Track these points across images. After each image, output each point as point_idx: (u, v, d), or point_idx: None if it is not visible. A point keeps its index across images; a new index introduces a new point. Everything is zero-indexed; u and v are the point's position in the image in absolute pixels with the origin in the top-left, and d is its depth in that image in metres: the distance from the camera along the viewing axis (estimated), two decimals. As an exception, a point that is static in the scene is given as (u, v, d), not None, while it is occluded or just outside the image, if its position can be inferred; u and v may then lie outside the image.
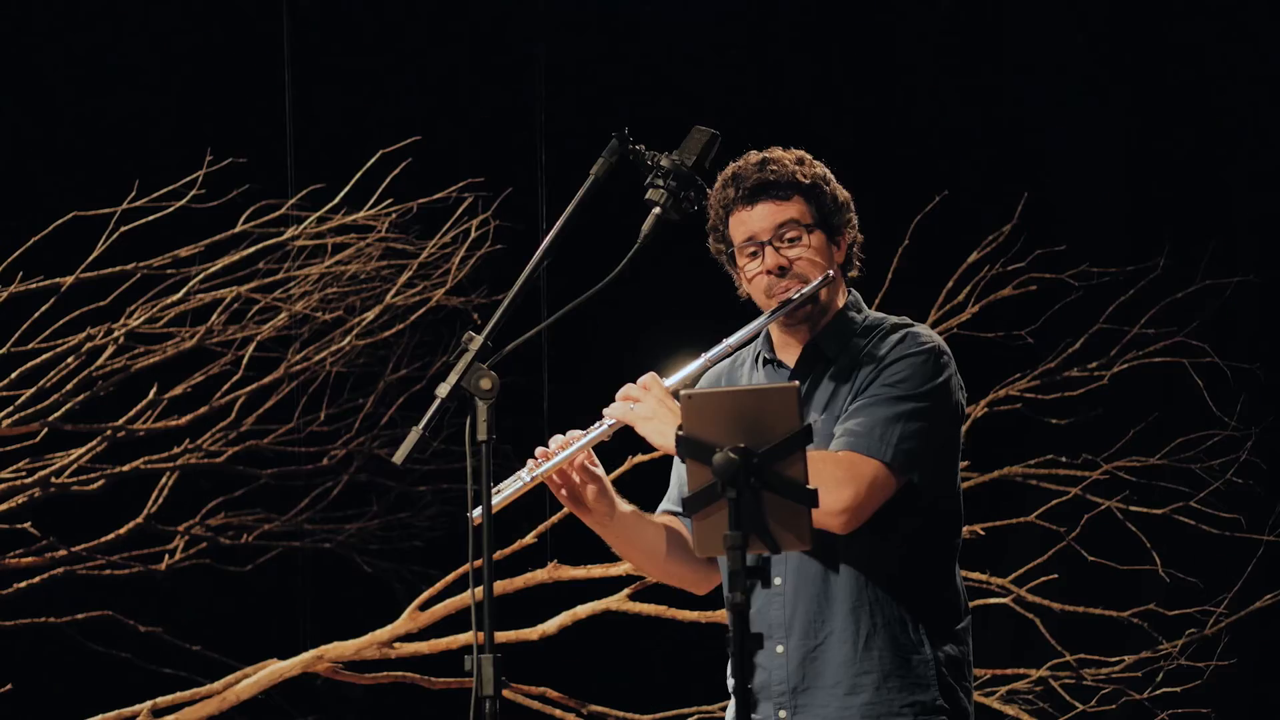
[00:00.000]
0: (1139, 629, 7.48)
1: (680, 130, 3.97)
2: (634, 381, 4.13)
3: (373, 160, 7.63)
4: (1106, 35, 8.16)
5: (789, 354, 4.31)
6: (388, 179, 7.67)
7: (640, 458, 7.28)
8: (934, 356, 4.17)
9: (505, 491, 4.09)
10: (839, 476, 4.00)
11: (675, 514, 4.42)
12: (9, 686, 7.41)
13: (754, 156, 4.28)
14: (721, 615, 7.30)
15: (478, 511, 3.64)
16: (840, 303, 4.30)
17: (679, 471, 4.45)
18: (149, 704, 7.58)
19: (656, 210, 3.91)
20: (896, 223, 7.49)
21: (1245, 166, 7.98)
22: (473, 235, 7.95)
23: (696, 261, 4.48)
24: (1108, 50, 8.16)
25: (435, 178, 7.87)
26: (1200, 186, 7.98)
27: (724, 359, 4.27)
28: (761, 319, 4.23)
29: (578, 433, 4.16)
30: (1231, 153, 8.01)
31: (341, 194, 7.73)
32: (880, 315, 4.31)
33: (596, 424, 4.14)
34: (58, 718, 7.71)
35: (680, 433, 3.60)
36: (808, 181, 4.24)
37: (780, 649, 4.16)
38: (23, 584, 7.74)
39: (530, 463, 4.14)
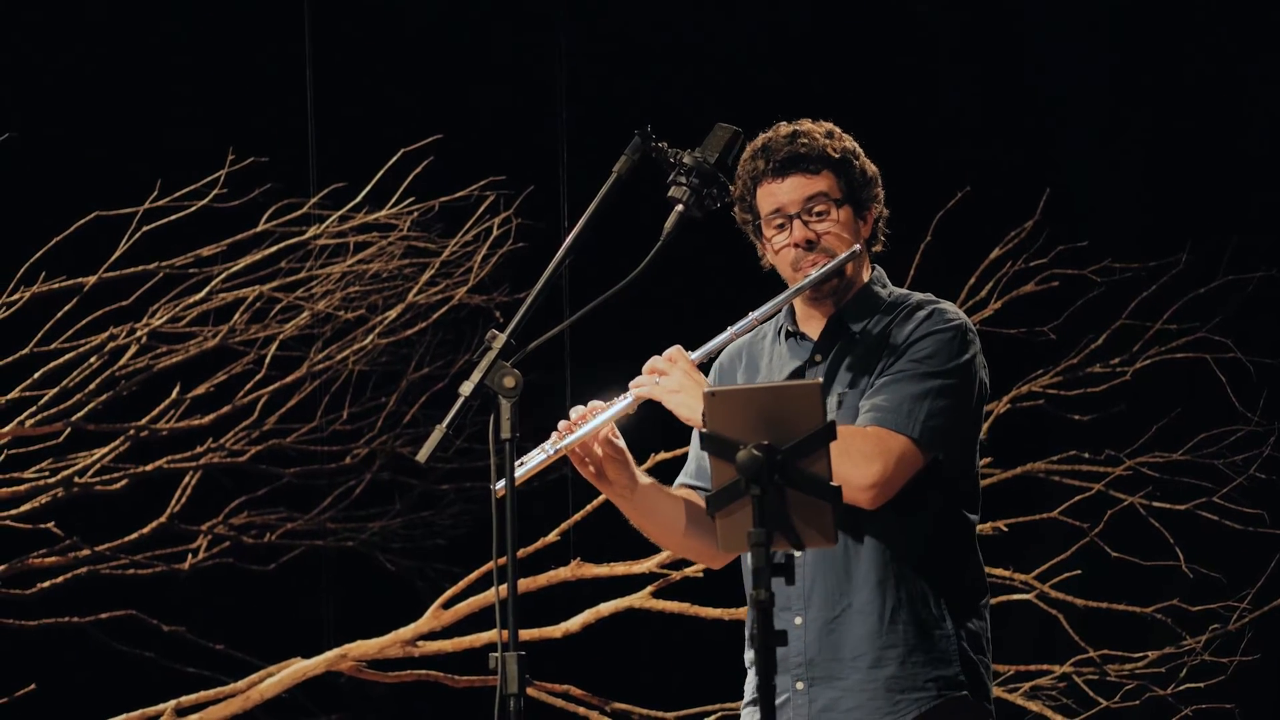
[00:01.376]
0: (1162, 625, 7.47)
1: (703, 127, 3.97)
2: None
3: (394, 159, 7.64)
4: (1128, 30, 8.14)
5: (812, 326, 4.30)
6: (409, 177, 7.68)
7: (663, 455, 7.27)
8: (960, 333, 4.16)
9: (529, 464, 4.06)
10: (867, 451, 4.00)
11: (694, 487, 4.38)
12: (33, 686, 7.43)
13: (784, 128, 4.26)
14: (744, 613, 7.29)
15: (501, 484, 3.63)
16: (865, 277, 4.30)
17: (698, 445, 4.43)
18: (172, 703, 7.59)
19: (679, 208, 3.91)
20: (919, 219, 7.49)
21: (1267, 161, 7.96)
22: (495, 233, 7.96)
23: (717, 257, 4.47)
24: (1129, 45, 8.15)
25: (457, 176, 7.88)
26: (1222, 182, 7.96)
27: (748, 332, 4.26)
28: (787, 293, 4.21)
29: (599, 403, 4.14)
30: (1253, 147, 7.99)
31: (363, 193, 7.73)
32: (905, 291, 4.30)
33: (621, 396, 4.12)
34: (81, 717, 7.72)
35: (704, 430, 3.60)
36: (838, 155, 4.23)
37: (799, 620, 4.17)
38: (46, 584, 7.76)
39: (554, 435, 4.12)
